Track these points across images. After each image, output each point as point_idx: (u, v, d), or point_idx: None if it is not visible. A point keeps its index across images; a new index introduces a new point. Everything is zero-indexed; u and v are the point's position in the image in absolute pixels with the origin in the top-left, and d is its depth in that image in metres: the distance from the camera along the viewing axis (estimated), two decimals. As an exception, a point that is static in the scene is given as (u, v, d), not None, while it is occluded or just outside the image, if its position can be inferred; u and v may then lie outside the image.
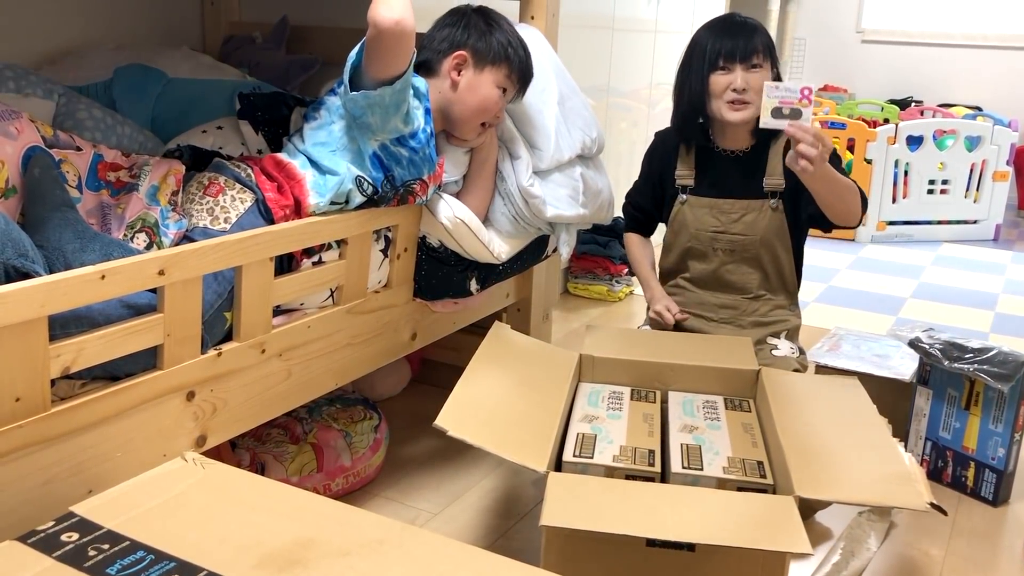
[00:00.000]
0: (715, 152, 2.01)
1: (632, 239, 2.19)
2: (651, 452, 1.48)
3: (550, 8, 1.98)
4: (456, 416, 1.40)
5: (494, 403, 1.51)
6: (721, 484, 1.42)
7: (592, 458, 1.46)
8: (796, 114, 1.67)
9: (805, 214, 1.95)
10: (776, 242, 1.99)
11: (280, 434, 1.75)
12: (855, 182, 1.87)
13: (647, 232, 2.20)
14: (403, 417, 2.08)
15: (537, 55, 1.82)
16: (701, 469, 1.44)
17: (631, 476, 1.43)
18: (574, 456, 1.46)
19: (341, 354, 1.56)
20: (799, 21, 5.90)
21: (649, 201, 2.12)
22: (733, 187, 1.99)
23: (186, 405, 1.27)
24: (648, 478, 1.43)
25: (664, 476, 1.45)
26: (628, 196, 2.17)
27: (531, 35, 1.89)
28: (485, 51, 1.63)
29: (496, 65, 1.63)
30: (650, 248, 2.18)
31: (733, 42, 1.88)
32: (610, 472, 1.44)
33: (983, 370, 1.78)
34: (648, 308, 2.10)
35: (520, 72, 1.67)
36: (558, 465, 1.46)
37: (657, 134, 2.14)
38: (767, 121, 1.69)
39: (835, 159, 1.87)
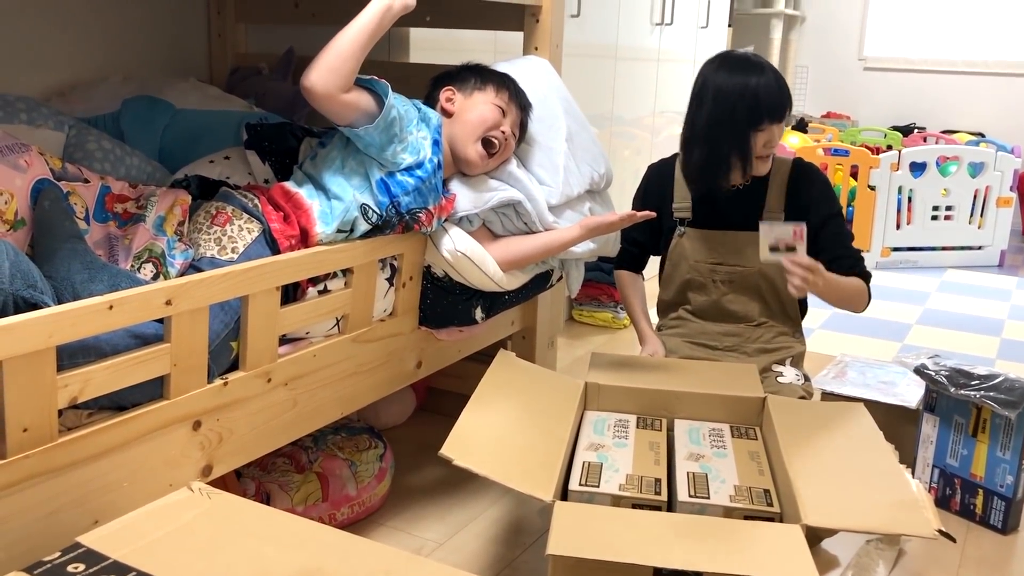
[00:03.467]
0: (715, 186, 2.01)
1: (623, 277, 2.19)
2: (657, 481, 1.48)
3: (553, 39, 2.00)
4: (461, 445, 1.39)
5: (500, 432, 1.51)
6: (728, 513, 1.41)
7: (598, 487, 1.45)
8: (791, 249, 1.77)
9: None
10: (775, 272, 1.99)
11: (285, 463, 1.75)
12: (866, 277, 1.96)
13: (638, 267, 2.20)
14: (408, 446, 2.08)
15: (546, 89, 1.84)
16: (708, 497, 1.43)
17: (637, 505, 1.43)
18: (580, 485, 1.46)
19: (347, 383, 1.56)
20: (802, 49, 5.95)
21: (645, 234, 2.11)
22: (732, 219, 2.02)
23: (192, 435, 1.27)
24: (655, 507, 1.42)
25: (671, 505, 1.45)
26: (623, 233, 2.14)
27: (541, 68, 1.91)
28: (469, 80, 1.70)
29: (483, 88, 1.68)
30: (640, 285, 2.19)
31: (774, 103, 1.90)
32: (616, 501, 1.43)
33: (990, 397, 1.78)
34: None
35: (509, 92, 1.70)
36: (564, 494, 1.46)
37: (651, 167, 2.15)
38: (766, 257, 1.79)
39: (838, 217, 2.00)
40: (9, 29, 1.86)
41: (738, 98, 1.90)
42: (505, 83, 1.71)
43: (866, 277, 1.97)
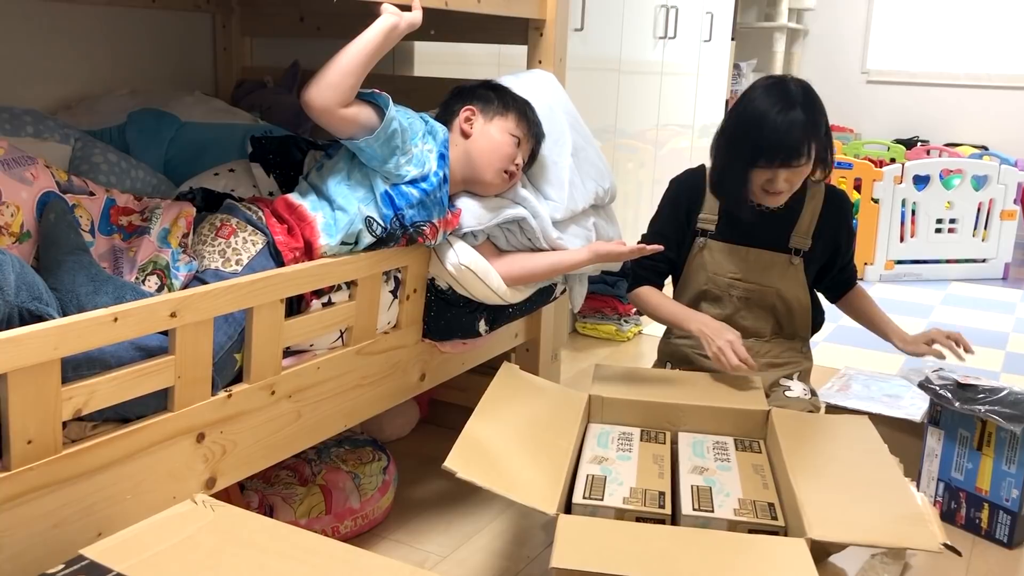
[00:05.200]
0: (747, 203, 1.94)
1: (643, 292, 2.04)
2: (661, 494, 1.47)
3: (557, 52, 2.01)
4: (465, 458, 1.39)
5: (503, 444, 1.51)
6: (732, 526, 1.41)
7: (602, 500, 1.45)
8: None
9: (824, 283, 2.08)
10: (791, 295, 1.98)
11: (289, 476, 1.75)
12: (816, 300, 2.06)
13: (659, 285, 2.08)
14: (412, 459, 2.07)
15: (552, 104, 1.85)
16: (712, 511, 1.43)
17: (641, 518, 1.42)
18: (584, 498, 1.46)
19: (350, 395, 1.56)
20: (805, 62, 5.96)
21: (674, 245, 2.02)
22: (758, 237, 1.97)
23: (196, 447, 1.27)
24: (659, 520, 1.42)
25: (674, 518, 1.44)
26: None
27: (547, 83, 1.91)
28: (492, 104, 1.68)
29: (504, 115, 1.67)
30: (667, 296, 2.07)
31: (776, 145, 1.79)
32: (620, 514, 1.43)
33: (994, 411, 1.77)
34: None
35: (528, 124, 1.70)
36: (568, 507, 1.46)
37: (680, 178, 2.07)
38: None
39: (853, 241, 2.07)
40: (16, 42, 1.88)
41: (746, 128, 1.84)
42: (526, 114, 1.70)
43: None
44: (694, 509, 1.43)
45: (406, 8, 1.52)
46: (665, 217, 2.05)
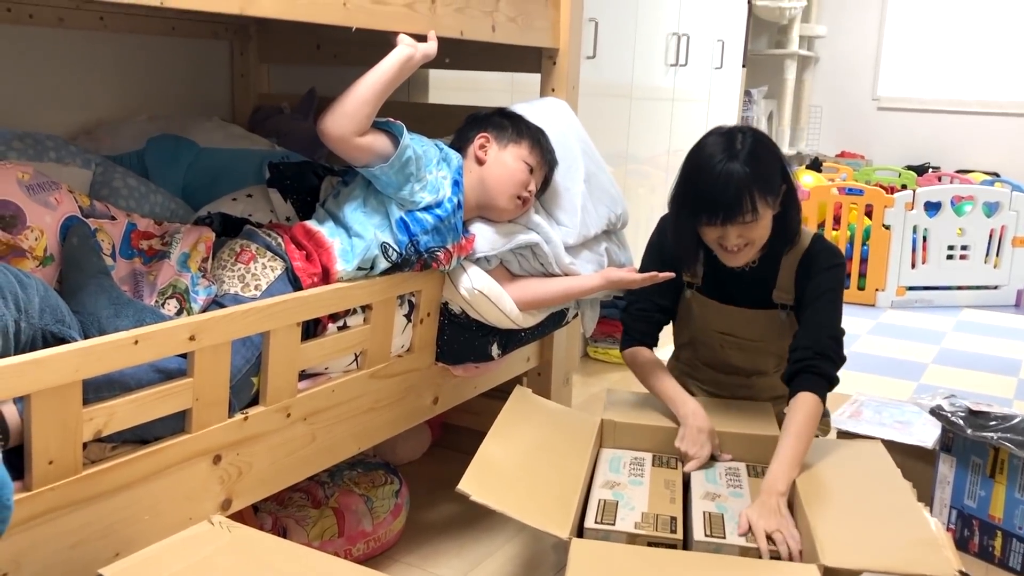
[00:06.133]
0: (700, 263, 1.82)
1: (640, 354, 1.89)
2: (673, 519, 1.48)
3: (570, 80, 2.04)
4: (479, 481, 1.40)
5: (516, 468, 1.52)
6: (744, 552, 1.41)
7: (614, 524, 1.46)
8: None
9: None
10: (790, 338, 1.79)
11: (302, 498, 1.76)
12: (821, 381, 1.68)
13: (654, 341, 1.93)
14: (424, 482, 2.08)
15: (565, 131, 1.87)
16: (724, 537, 1.43)
17: (653, 543, 1.43)
18: (596, 523, 1.46)
19: (364, 418, 1.57)
20: (816, 89, 5.98)
21: (667, 296, 1.89)
22: (740, 297, 1.84)
23: (213, 469, 1.28)
24: (670, 545, 1.42)
25: (686, 543, 1.45)
26: (631, 302, 1.93)
27: (560, 110, 1.94)
28: (506, 131, 1.71)
29: (517, 142, 1.69)
30: (661, 363, 1.90)
31: (710, 201, 1.65)
32: (632, 539, 1.43)
33: (1007, 438, 1.77)
34: (671, 368, 1.98)
35: (542, 151, 1.72)
36: (580, 531, 1.46)
37: (666, 219, 1.88)
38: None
39: (823, 297, 1.71)
40: (39, 70, 1.91)
41: (688, 180, 1.72)
42: (540, 142, 1.72)
43: (820, 381, 1.67)
44: (706, 535, 1.44)
45: (421, 39, 1.55)
46: (652, 262, 1.87)
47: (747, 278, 1.81)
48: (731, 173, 1.62)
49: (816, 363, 1.67)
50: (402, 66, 1.50)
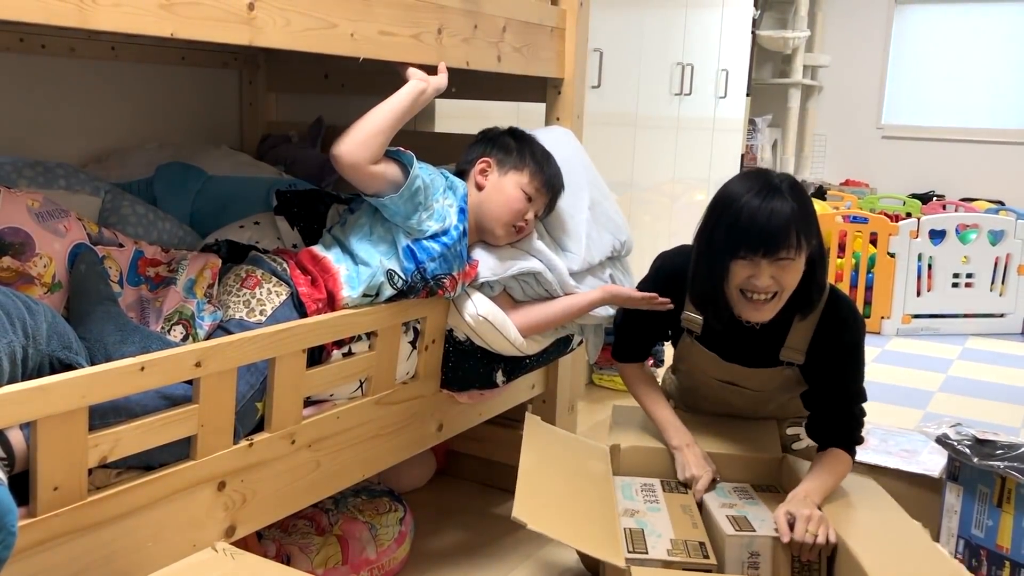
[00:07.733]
0: (724, 310, 1.67)
1: (632, 372, 1.87)
2: (702, 544, 1.50)
3: (575, 109, 2.05)
4: (530, 508, 1.41)
5: (558, 495, 1.54)
6: (776, 539, 1.47)
7: (647, 553, 1.47)
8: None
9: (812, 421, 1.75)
10: (795, 390, 1.77)
11: (306, 525, 1.76)
12: (850, 446, 1.68)
13: (643, 357, 1.91)
14: (429, 509, 2.07)
15: (570, 159, 1.88)
16: (754, 530, 1.50)
17: (688, 569, 1.44)
18: (629, 552, 1.47)
19: (369, 445, 1.57)
20: (820, 118, 6.02)
21: (655, 329, 1.84)
22: (744, 355, 1.73)
23: (217, 495, 1.28)
24: (705, 570, 1.44)
25: (720, 567, 1.47)
26: (622, 325, 1.88)
27: (565, 138, 1.95)
28: (508, 157, 1.71)
29: (519, 169, 1.69)
30: (652, 376, 1.89)
31: (754, 229, 1.53)
32: (667, 566, 1.45)
33: (1014, 467, 1.76)
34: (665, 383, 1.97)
35: (544, 179, 1.71)
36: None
37: (664, 257, 1.82)
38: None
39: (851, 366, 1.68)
40: (51, 99, 1.94)
41: (720, 213, 1.58)
42: (542, 169, 1.71)
43: (852, 448, 1.67)
44: (735, 530, 1.49)
45: (431, 70, 1.57)
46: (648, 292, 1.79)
47: (755, 335, 1.69)
48: (777, 205, 1.52)
49: (847, 434, 1.69)
50: (414, 100, 1.53)
